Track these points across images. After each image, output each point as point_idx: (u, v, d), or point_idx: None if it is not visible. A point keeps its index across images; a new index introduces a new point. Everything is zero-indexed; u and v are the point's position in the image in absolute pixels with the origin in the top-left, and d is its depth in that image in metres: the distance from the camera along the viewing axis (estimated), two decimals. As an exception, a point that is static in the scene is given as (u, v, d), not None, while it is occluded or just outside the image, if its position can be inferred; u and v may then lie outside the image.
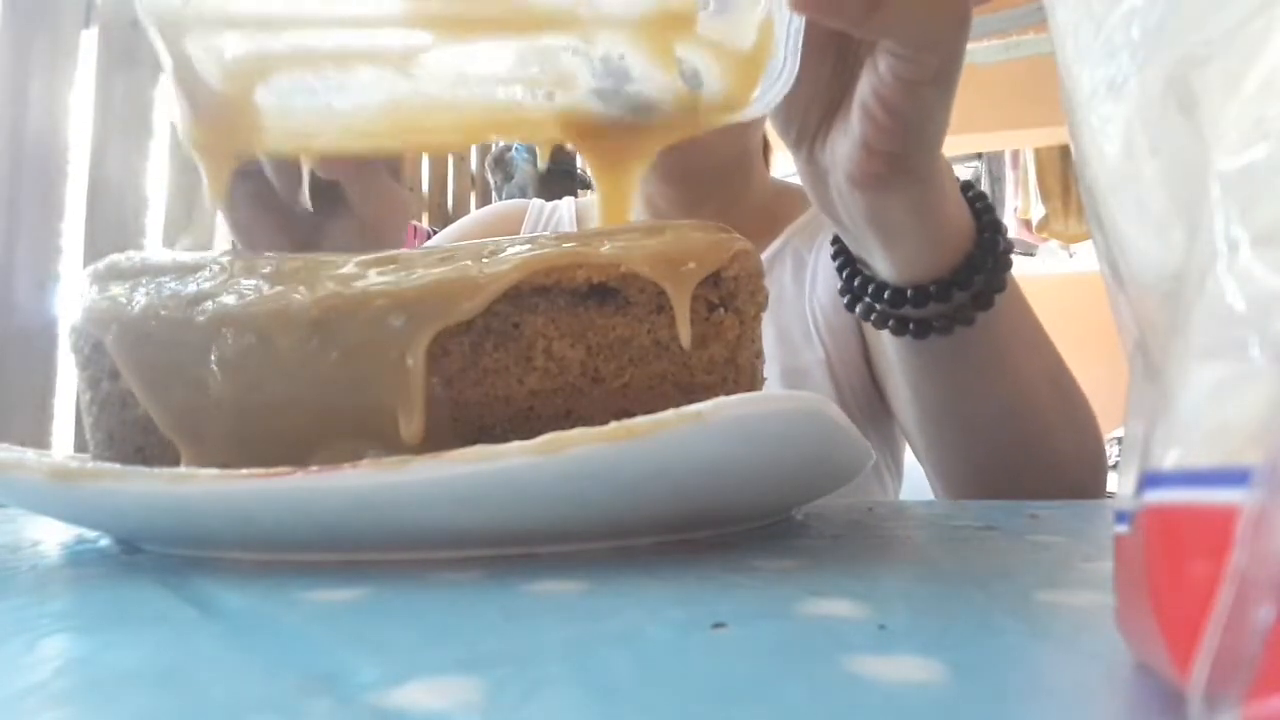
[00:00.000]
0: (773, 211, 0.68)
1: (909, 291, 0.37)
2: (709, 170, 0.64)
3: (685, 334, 0.24)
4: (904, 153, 0.33)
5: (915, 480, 0.63)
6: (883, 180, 0.33)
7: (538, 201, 0.77)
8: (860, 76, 0.32)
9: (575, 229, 0.72)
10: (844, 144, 0.33)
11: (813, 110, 0.35)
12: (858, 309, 0.40)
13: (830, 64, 0.33)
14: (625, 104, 0.32)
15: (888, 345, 0.42)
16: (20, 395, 1.05)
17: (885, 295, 0.37)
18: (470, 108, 0.32)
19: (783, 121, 0.36)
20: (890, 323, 0.38)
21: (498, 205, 0.81)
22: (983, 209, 0.38)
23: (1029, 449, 0.42)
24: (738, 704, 0.11)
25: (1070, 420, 0.43)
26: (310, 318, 0.23)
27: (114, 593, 0.18)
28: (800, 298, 0.63)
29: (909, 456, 0.63)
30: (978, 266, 0.36)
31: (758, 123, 0.66)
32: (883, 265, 0.37)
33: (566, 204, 0.76)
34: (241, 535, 0.22)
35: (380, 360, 0.23)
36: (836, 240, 0.40)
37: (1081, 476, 0.44)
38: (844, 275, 0.40)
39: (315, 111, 0.32)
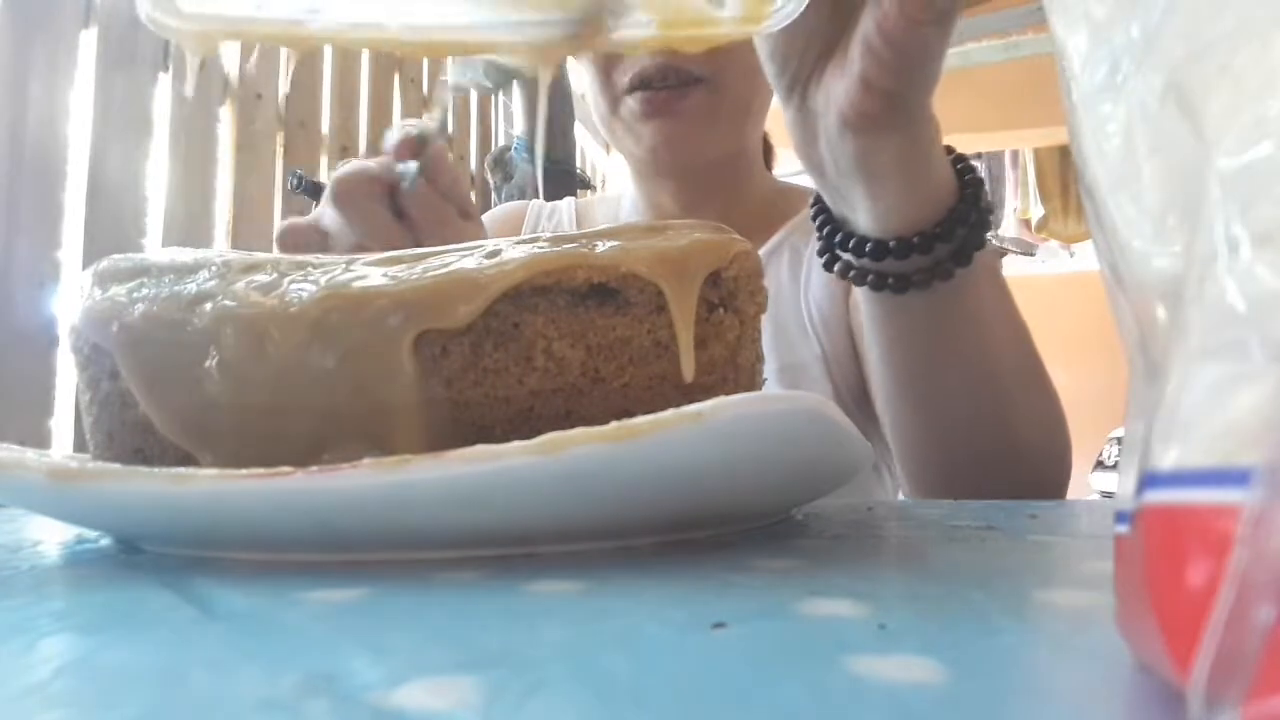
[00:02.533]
0: (773, 210, 0.69)
1: (891, 243, 0.37)
2: (709, 167, 0.65)
3: (688, 363, 0.24)
4: (901, 92, 0.34)
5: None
6: (877, 121, 0.34)
7: (537, 202, 0.78)
8: (863, 14, 0.33)
9: (575, 229, 0.72)
10: (841, 83, 0.34)
11: (809, 51, 0.35)
12: (836, 267, 0.41)
13: (829, 5, 0.34)
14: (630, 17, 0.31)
15: (863, 310, 0.42)
16: (20, 395, 1.05)
17: (867, 248, 0.38)
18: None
19: (779, 63, 0.36)
20: (869, 278, 0.39)
21: (497, 209, 0.81)
22: (964, 169, 0.39)
23: (992, 426, 0.42)
24: (738, 704, 0.11)
25: (1035, 405, 0.44)
26: (310, 318, 0.23)
27: (114, 593, 0.18)
28: (797, 293, 0.64)
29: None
30: (960, 220, 0.37)
31: (757, 123, 0.67)
32: (866, 217, 0.38)
33: (567, 204, 0.76)
34: (241, 535, 0.22)
35: (380, 361, 0.23)
36: (817, 200, 0.41)
37: (1044, 468, 0.44)
38: (824, 233, 0.41)
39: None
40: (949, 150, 0.39)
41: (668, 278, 0.24)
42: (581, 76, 0.66)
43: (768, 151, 0.75)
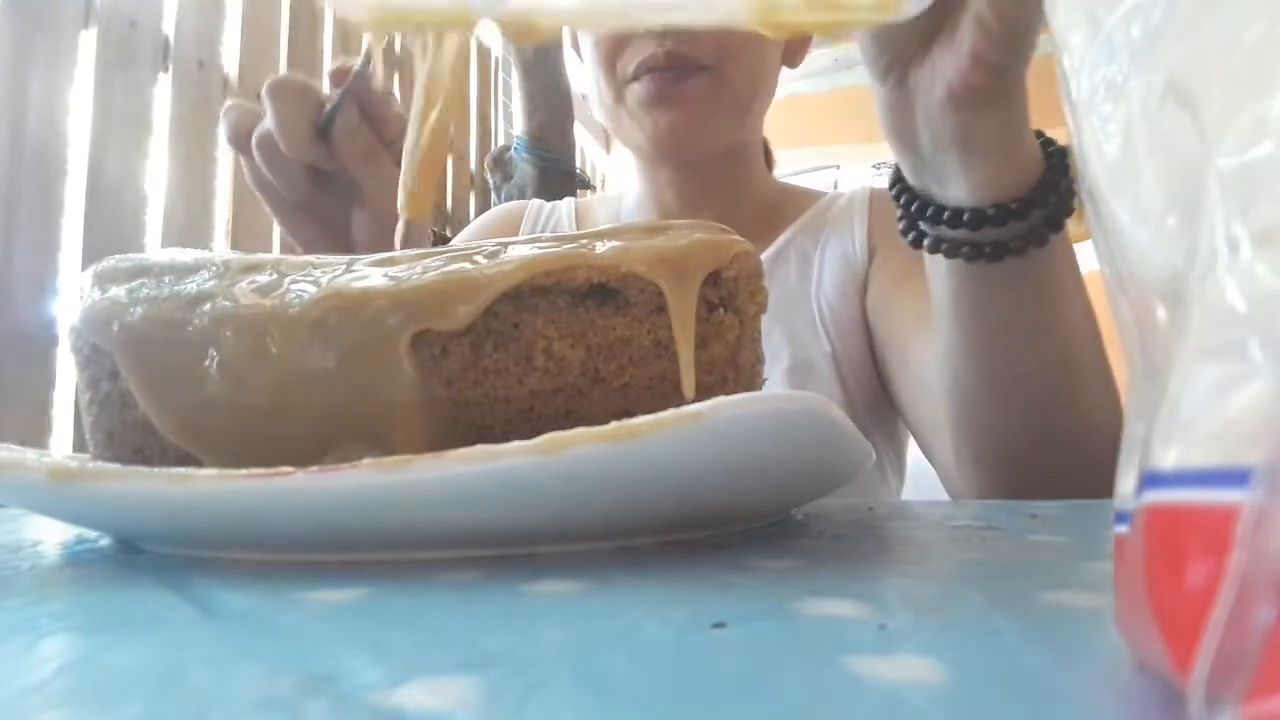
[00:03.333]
0: (777, 210, 0.69)
1: (990, 211, 0.38)
2: (711, 159, 0.65)
3: (689, 380, 0.24)
4: (1007, 65, 0.35)
5: (918, 479, 0.63)
6: (982, 95, 0.35)
7: (537, 201, 0.78)
8: None
9: (574, 229, 0.72)
10: (948, 59, 0.35)
11: (914, 33, 0.36)
12: (925, 242, 0.41)
13: None
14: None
15: (943, 291, 0.42)
16: (20, 395, 1.05)
17: (964, 219, 0.38)
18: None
19: (881, 45, 0.37)
20: (964, 249, 0.39)
21: (497, 209, 0.81)
22: (1045, 140, 0.40)
23: (1064, 404, 0.42)
24: (738, 704, 0.11)
25: (1103, 385, 0.44)
26: (311, 319, 0.23)
27: (114, 593, 0.18)
28: (806, 293, 0.64)
29: (912, 454, 0.63)
30: (1052, 186, 0.38)
31: (758, 119, 0.67)
32: (960, 189, 0.38)
33: (566, 204, 0.77)
34: (241, 535, 0.22)
35: (380, 361, 0.23)
36: (897, 179, 0.42)
37: (1107, 447, 0.43)
38: (909, 210, 0.41)
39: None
40: None
41: (667, 278, 0.24)
42: (585, 66, 0.66)
43: (766, 155, 0.75)
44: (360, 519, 0.20)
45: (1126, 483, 0.11)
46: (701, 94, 0.60)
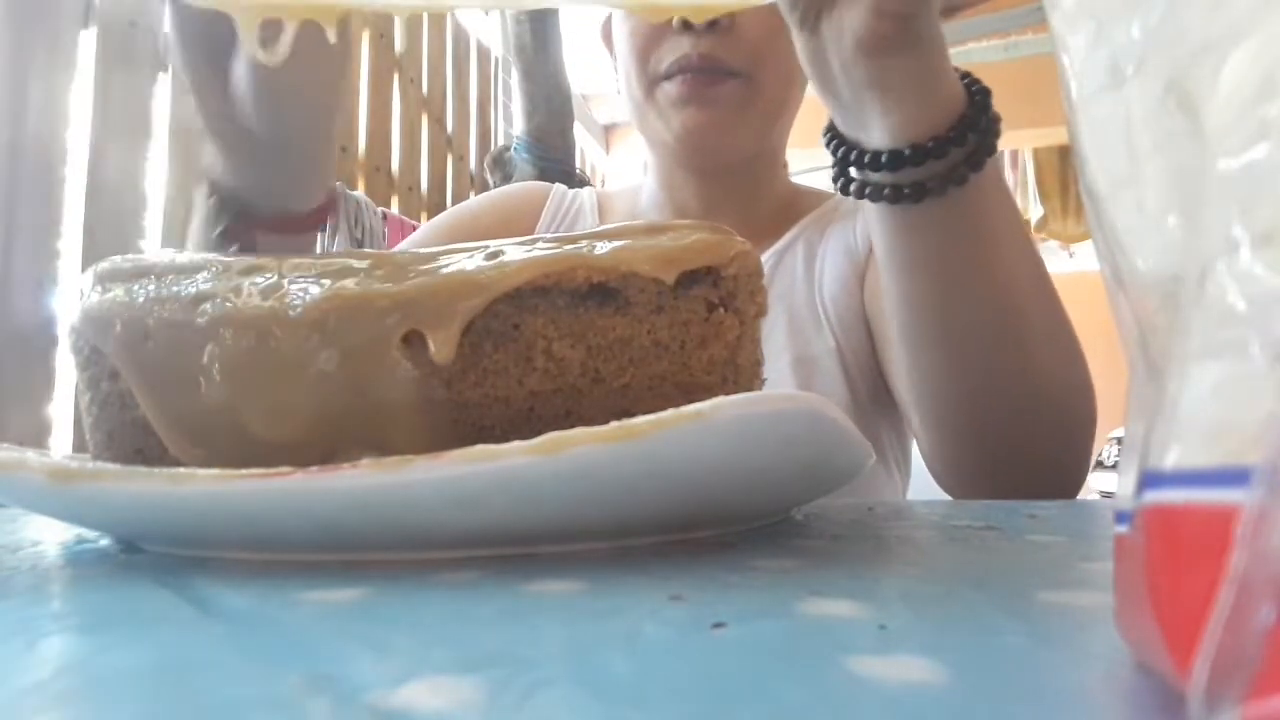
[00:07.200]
0: (789, 209, 0.69)
1: (907, 151, 0.39)
2: (734, 166, 0.65)
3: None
4: (911, 14, 0.36)
5: (923, 476, 0.63)
6: (890, 42, 0.37)
7: (561, 187, 0.77)
8: None
9: (596, 219, 0.72)
10: (854, 10, 0.37)
11: None
12: (851, 188, 0.42)
13: None
14: None
15: (879, 242, 0.43)
16: (20, 395, 1.05)
17: (883, 160, 0.40)
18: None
19: None
20: (885, 191, 0.40)
21: (520, 185, 0.80)
22: (970, 82, 0.41)
23: (1013, 356, 0.42)
24: (738, 704, 0.11)
25: (1054, 335, 0.44)
26: (311, 320, 0.23)
27: (114, 593, 0.18)
28: (811, 287, 0.64)
29: (917, 451, 0.63)
30: (971, 125, 0.39)
31: (786, 126, 0.67)
32: (880, 132, 0.40)
33: (588, 194, 0.76)
34: (241, 535, 0.22)
35: (380, 362, 0.23)
36: (829, 129, 0.43)
37: (1069, 402, 0.44)
38: (837, 156, 0.42)
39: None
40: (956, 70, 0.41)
41: (668, 276, 0.24)
42: (617, 59, 0.66)
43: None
44: (360, 519, 0.20)
45: (1126, 483, 0.11)
46: (733, 99, 0.60)
